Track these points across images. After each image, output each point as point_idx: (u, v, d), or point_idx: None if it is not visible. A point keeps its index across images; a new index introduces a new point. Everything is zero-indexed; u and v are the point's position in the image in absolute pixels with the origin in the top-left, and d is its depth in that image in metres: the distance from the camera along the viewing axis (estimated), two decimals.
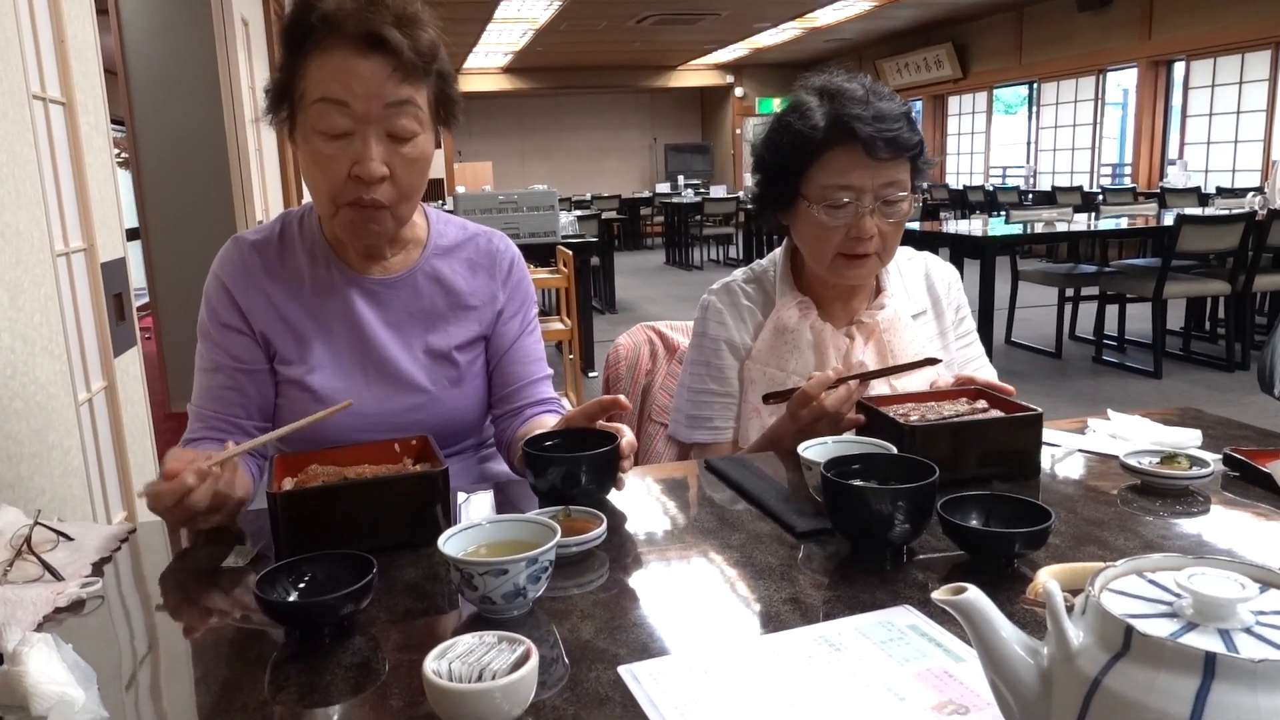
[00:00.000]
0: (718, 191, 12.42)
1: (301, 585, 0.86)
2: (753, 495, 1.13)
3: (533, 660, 0.68)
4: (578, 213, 7.48)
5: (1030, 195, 10.59)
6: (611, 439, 1.10)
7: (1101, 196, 8.70)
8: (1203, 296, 5.89)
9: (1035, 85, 12.25)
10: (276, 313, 1.29)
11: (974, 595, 0.58)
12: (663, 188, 14.36)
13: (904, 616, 0.82)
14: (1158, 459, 1.15)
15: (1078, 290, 6.16)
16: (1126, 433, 1.31)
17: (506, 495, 1.22)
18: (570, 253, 4.50)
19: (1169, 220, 5.37)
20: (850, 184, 1.35)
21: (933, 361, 1.35)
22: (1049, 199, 9.23)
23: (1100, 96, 11.17)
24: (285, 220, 1.35)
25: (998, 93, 13.14)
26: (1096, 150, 11.34)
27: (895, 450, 1.08)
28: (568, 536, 0.94)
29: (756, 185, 1.49)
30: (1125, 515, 1.05)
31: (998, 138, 13.29)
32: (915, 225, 5.83)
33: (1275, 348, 2.36)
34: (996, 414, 1.22)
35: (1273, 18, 8.59)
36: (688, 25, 12.67)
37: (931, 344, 1.50)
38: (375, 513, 1.00)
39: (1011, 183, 12.22)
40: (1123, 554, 0.93)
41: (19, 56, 1.54)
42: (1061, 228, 5.75)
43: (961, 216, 9.83)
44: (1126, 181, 10.61)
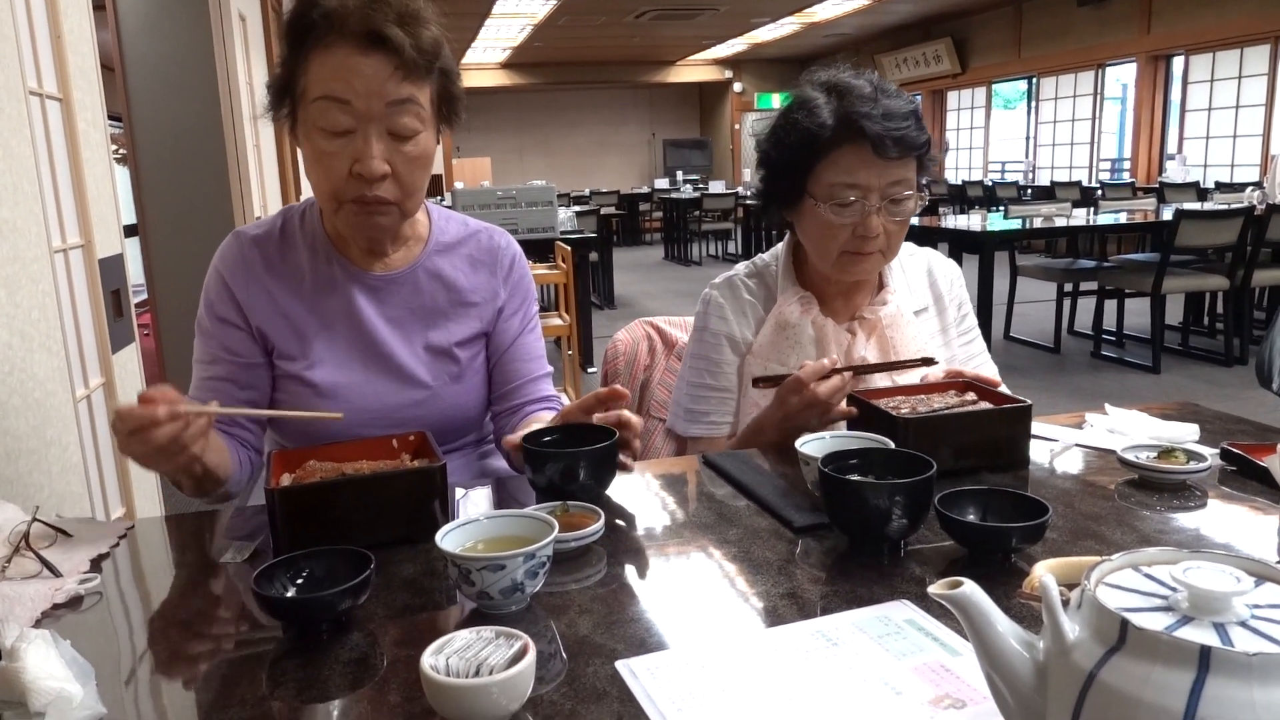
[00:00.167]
0: (716, 187, 12.41)
1: (299, 581, 0.86)
2: (750, 490, 1.13)
3: (530, 655, 0.68)
4: (576, 208, 7.48)
5: (1029, 190, 10.60)
6: (610, 434, 1.11)
7: (1100, 191, 8.72)
8: (1201, 291, 5.90)
9: (1034, 80, 12.24)
10: (277, 308, 1.29)
11: (970, 589, 0.58)
12: (661, 183, 14.35)
13: (901, 611, 0.82)
14: (1155, 453, 1.15)
15: (1076, 285, 6.16)
16: (1124, 427, 1.31)
17: (505, 491, 1.22)
18: (569, 248, 4.49)
19: (1168, 215, 5.37)
20: (857, 182, 1.34)
21: (930, 361, 1.35)
22: (1048, 194, 9.25)
23: (1099, 91, 11.16)
24: (287, 215, 1.34)
25: (997, 87, 13.14)
26: (1095, 145, 11.34)
27: (893, 445, 1.08)
28: (565, 532, 0.94)
29: (761, 181, 1.48)
30: (1122, 510, 1.05)
31: (997, 133, 13.28)
32: (914, 220, 5.80)
33: (1273, 342, 2.36)
34: (986, 406, 1.23)
35: (1272, 12, 8.58)
36: (686, 20, 12.66)
37: (933, 340, 1.50)
38: (373, 508, 1.00)
39: (1010, 178, 12.23)
40: (1120, 548, 0.93)
41: (15, 52, 1.54)
42: (1060, 223, 5.76)
43: (960, 211, 9.84)
44: (1125, 176, 10.62)
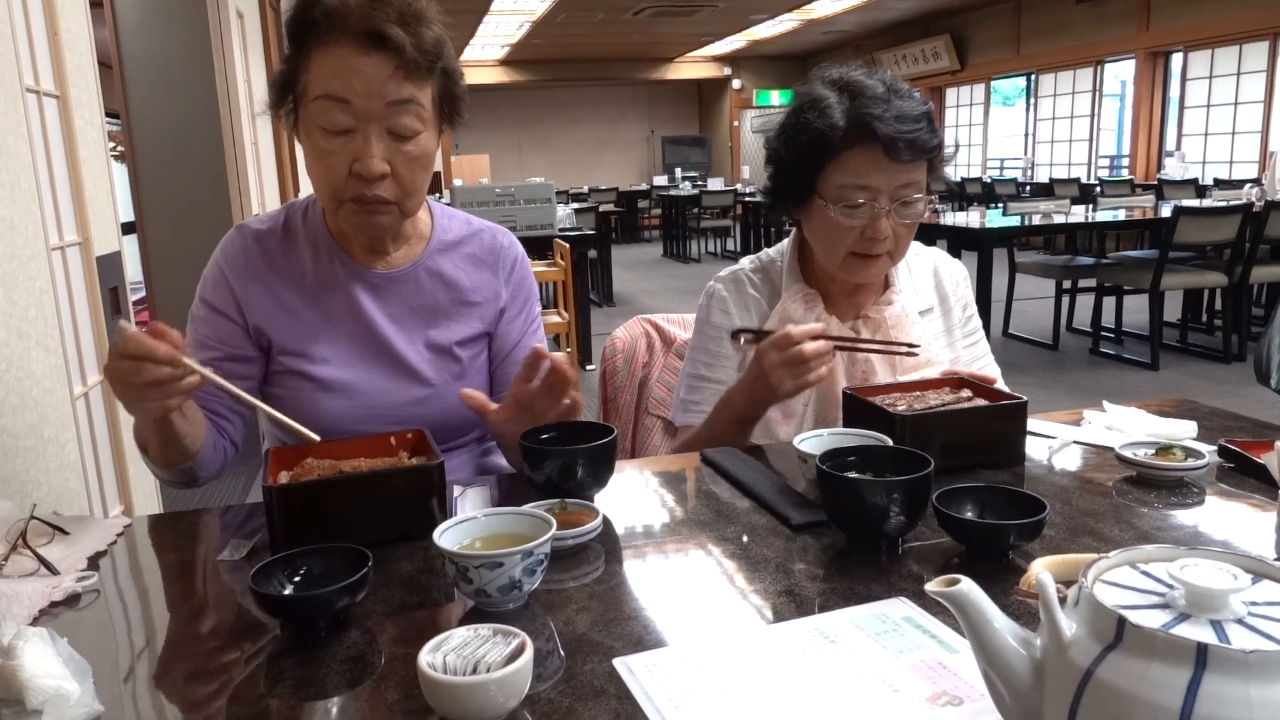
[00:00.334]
0: (715, 184, 12.40)
1: (297, 579, 0.86)
2: (749, 487, 1.13)
3: (528, 653, 0.68)
4: (575, 205, 7.48)
5: (1028, 187, 10.60)
6: (609, 431, 1.10)
7: (1099, 188, 8.71)
8: (1200, 288, 5.90)
9: (1033, 77, 12.24)
10: (278, 304, 1.29)
11: (967, 587, 0.58)
12: (660, 180, 14.35)
13: (899, 608, 0.82)
14: (1153, 450, 1.15)
15: (1075, 282, 6.16)
16: (1122, 424, 1.31)
17: (504, 488, 1.22)
18: (567, 246, 4.49)
19: (1166, 212, 5.37)
20: (868, 184, 1.33)
21: (913, 350, 1.36)
22: (1046, 191, 9.25)
23: (1098, 88, 11.16)
24: (290, 211, 1.34)
25: (995, 84, 13.14)
26: (1094, 142, 11.35)
27: (890, 443, 1.08)
28: (563, 529, 0.95)
29: (769, 179, 1.46)
30: (1120, 507, 1.05)
31: (995, 129, 13.28)
32: None
33: (1272, 339, 2.36)
34: (982, 402, 1.23)
35: (1270, 8, 8.58)
36: (685, 17, 12.65)
37: (938, 341, 1.49)
38: (371, 506, 1.00)
39: (1009, 175, 12.23)
40: (1117, 545, 0.93)
41: (12, 49, 1.53)
42: (1059, 219, 5.76)
43: (959, 209, 9.83)
44: (1124, 173, 10.62)
